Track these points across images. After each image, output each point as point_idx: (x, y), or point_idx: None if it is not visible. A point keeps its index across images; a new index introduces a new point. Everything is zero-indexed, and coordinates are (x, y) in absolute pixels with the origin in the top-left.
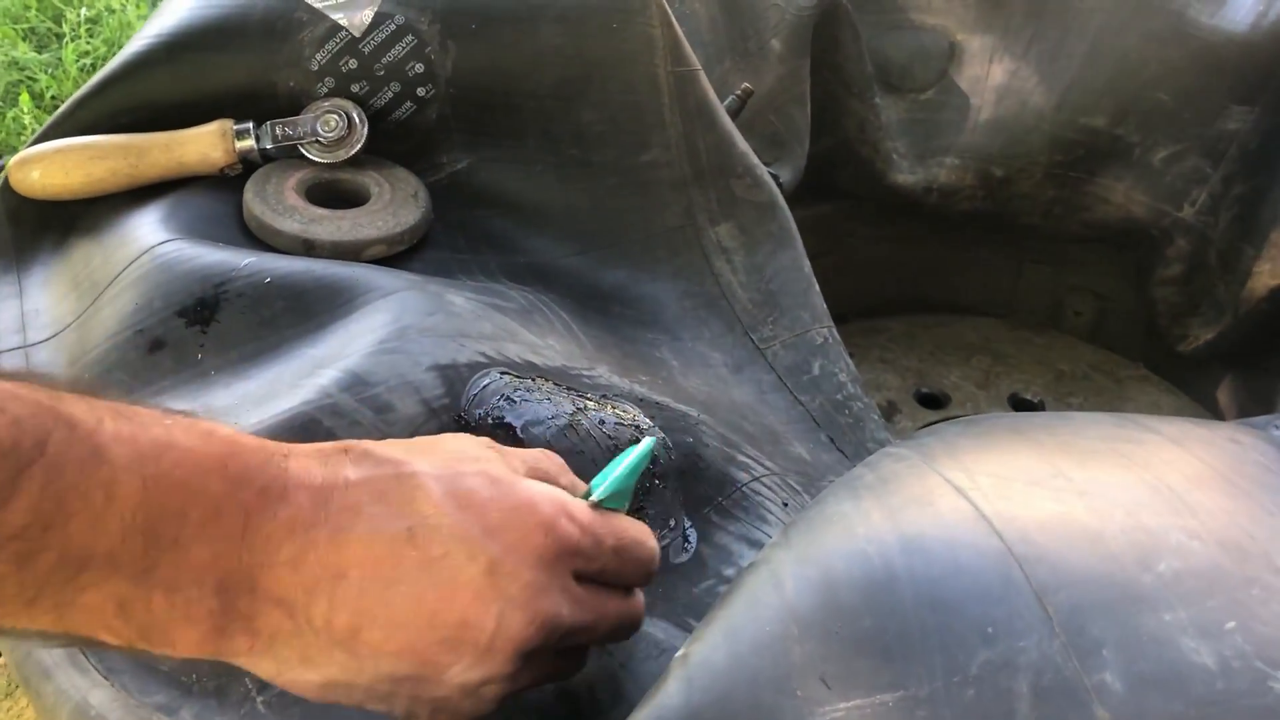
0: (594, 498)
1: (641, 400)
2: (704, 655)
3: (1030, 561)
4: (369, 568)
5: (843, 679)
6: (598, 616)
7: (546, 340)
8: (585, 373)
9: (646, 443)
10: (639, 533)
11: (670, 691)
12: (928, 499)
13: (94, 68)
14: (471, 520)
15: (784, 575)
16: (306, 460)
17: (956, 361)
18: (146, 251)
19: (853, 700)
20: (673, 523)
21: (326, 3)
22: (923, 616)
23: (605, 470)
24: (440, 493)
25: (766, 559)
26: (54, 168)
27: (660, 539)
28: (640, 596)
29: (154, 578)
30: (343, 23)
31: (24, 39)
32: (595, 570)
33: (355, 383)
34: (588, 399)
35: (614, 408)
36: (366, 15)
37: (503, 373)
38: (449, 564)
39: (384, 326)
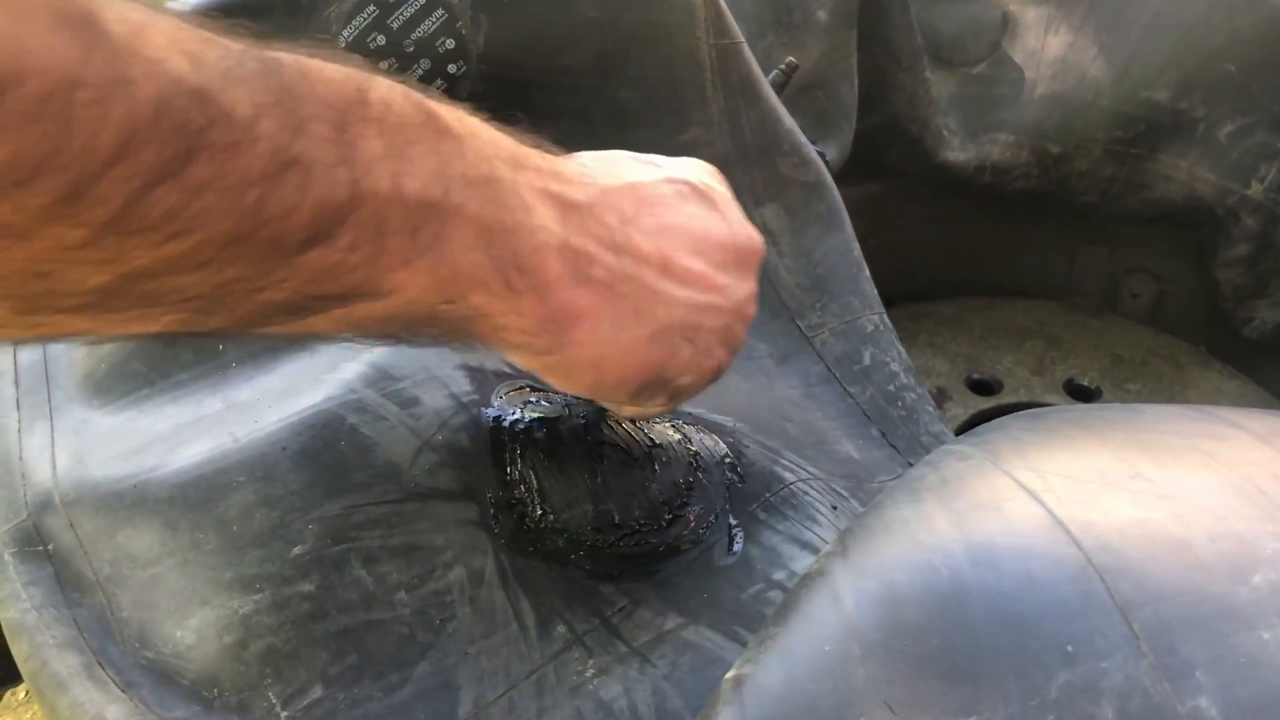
0: None
1: (675, 413)
2: (757, 680)
3: (1111, 573)
4: (650, 205)
5: (909, 704)
6: None
7: None
8: None
9: None
10: None
11: (723, 718)
12: (996, 503)
13: None
14: (686, 169)
15: (842, 589)
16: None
17: (1009, 346)
18: None
19: None
20: (715, 519)
21: None
22: (995, 635)
23: None
24: (649, 157)
25: (822, 570)
26: None
27: (704, 537)
28: None
29: (503, 205)
30: None
31: None
32: None
33: (381, 377)
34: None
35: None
36: None
37: (532, 387)
38: (695, 199)
39: None
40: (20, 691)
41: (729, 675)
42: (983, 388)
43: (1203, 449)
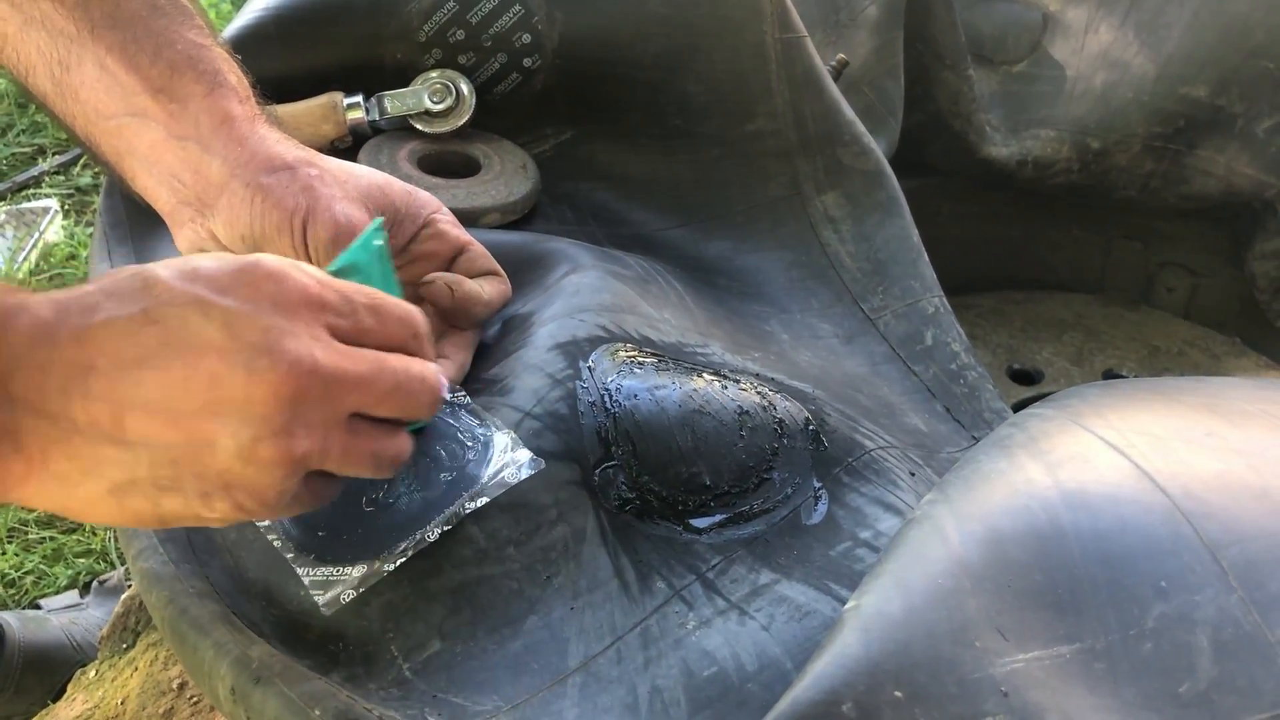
0: (328, 269)
1: (757, 376)
2: (878, 607)
3: (1198, 517)
4: (112, 355)
5: (1018, 631)
6: (372, 369)
7: (663, 314)
8: (700, 350)
9: (375, 220)
10: (392, 298)
11: (849, 642)
12: (1084, 456)
13: None
14: (200, 286)
15: (948, 529)
16: (48, 291)
17: (1048, 338)
18: None
19: (1031, 652)
20: (800, 481)
21: None
22: (1092, 571)
23: None
24: (168, 275)
25: (927, 514)
26: None
27: (790, 499)
28: (430, 364)
29: None
30: None
31: None
32: (353, 328)
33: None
34: (703, 376)
35: (731, 384)
36: None
37: (625, 348)
38: (187, 330)
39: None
40: (91, 670)
41: (849, 605)
42: (1024, 377)
43: (1270, 413)
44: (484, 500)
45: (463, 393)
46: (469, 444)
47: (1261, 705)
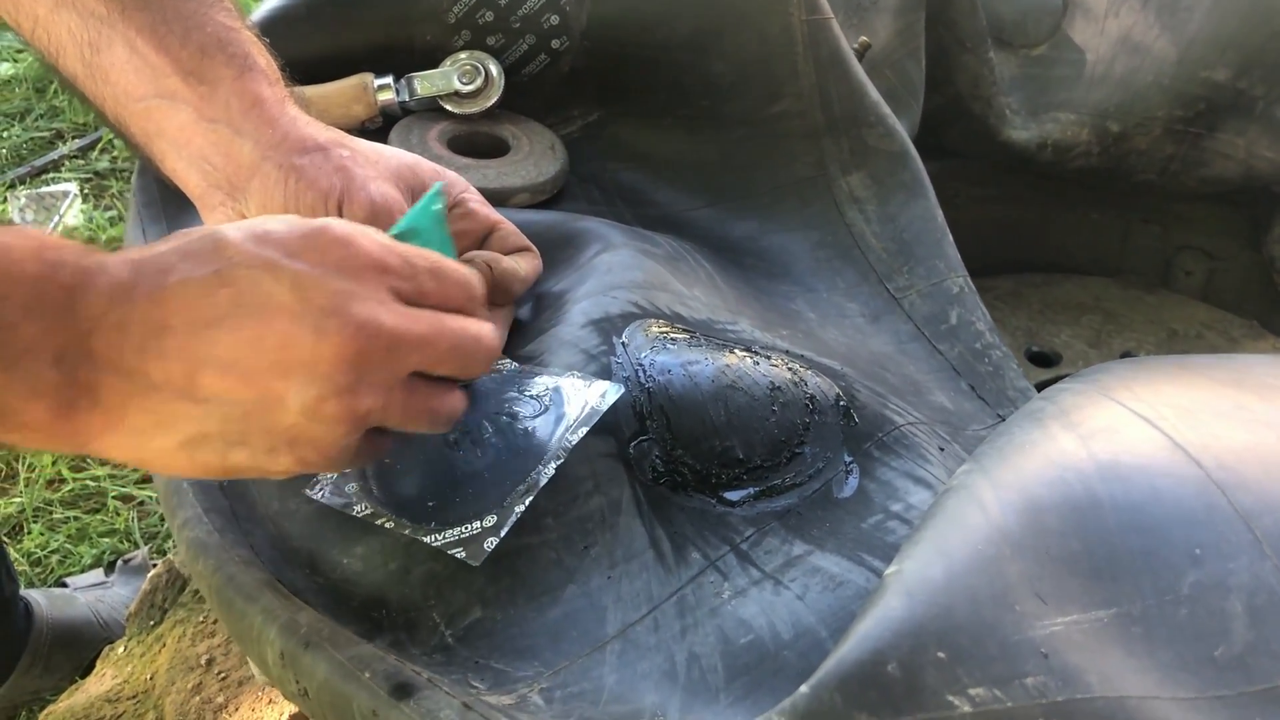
0: (390, 232)
1: (786, 353)
2: (920, 572)
3: (1231, 487)
4: (187, 315)
5: (1057, 596)
6: (432, 330)
7: (693, 291)
8: (730, 327)
9: (435, 185)
10: (451, 262)
11: (892, 605)
12: (1116, 428)
13: None
14: (271, 249)
15: (986, 498)
16: (124, 250)
17: (1067, 320)
18: None
19: (1070, 615)
20: (831, 456)
21: None
22: (1128, 539)
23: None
24: (239, 237)
25: (964, 484)
26: None
27: (822, 473)
28: (486, 324)
29: None
30: None
31: None
32: (414, 290)
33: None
34: (734, 352)
35: (762, 359)
36: None
37: (659, 323)
38: (258, 292)
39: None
40: (120, 646)
41: (890, 570)
42: (1042, 360)
43: None
44: (584, 430)
45: (510, 361)
46: (539, 394)
47: None
